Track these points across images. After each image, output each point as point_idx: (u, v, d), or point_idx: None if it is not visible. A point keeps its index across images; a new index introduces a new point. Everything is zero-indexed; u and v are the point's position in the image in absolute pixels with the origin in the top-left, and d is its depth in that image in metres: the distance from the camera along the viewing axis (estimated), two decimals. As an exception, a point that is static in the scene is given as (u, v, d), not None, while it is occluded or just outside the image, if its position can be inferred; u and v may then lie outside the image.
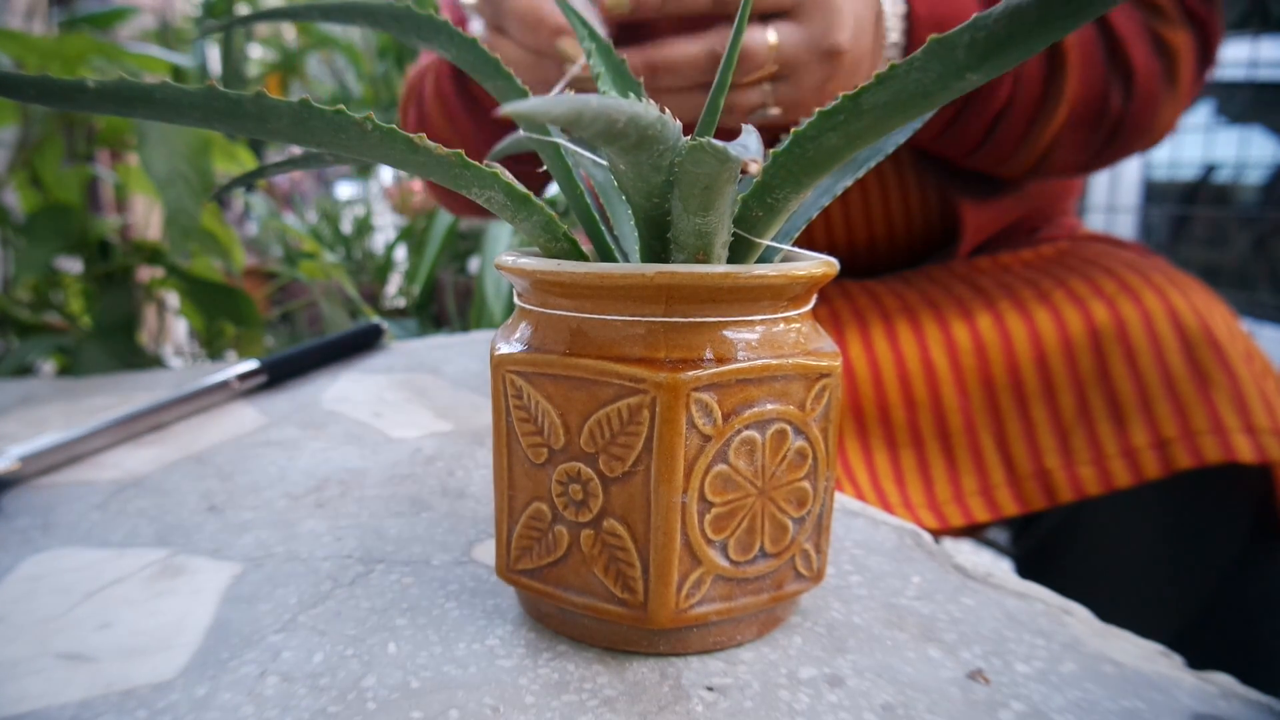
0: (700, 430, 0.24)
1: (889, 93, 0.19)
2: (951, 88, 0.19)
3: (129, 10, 1.03)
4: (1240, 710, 0.25)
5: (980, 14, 0.18)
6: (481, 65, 0.28)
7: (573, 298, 0.25)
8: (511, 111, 0.15)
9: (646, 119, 0.19)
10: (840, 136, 0.21)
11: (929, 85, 0.19)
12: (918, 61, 0.19)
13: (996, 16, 0.17)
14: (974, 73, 0.18)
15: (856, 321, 0.58)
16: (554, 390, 0.25)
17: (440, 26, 0.27)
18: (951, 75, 0.18)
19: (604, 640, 0.27)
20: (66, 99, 0.18)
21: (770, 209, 0.24)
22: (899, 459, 0.54)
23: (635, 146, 0.20)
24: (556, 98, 0.16)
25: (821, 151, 0.22)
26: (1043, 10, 0.17)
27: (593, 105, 0.17)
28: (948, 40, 0.18)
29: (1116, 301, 0.52)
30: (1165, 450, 0.48)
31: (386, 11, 0.27)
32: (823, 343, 0.27)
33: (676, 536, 0.24)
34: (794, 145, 0.22)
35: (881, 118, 0.20)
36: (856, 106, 0.20)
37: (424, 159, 0.21)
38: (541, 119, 0.17)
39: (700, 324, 0.24)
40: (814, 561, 0.28)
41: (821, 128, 0.21)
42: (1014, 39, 0.17)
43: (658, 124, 0.19)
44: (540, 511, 0.27)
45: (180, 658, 0.27)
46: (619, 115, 0.18)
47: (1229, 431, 0.47)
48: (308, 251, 1.34)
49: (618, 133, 0.19)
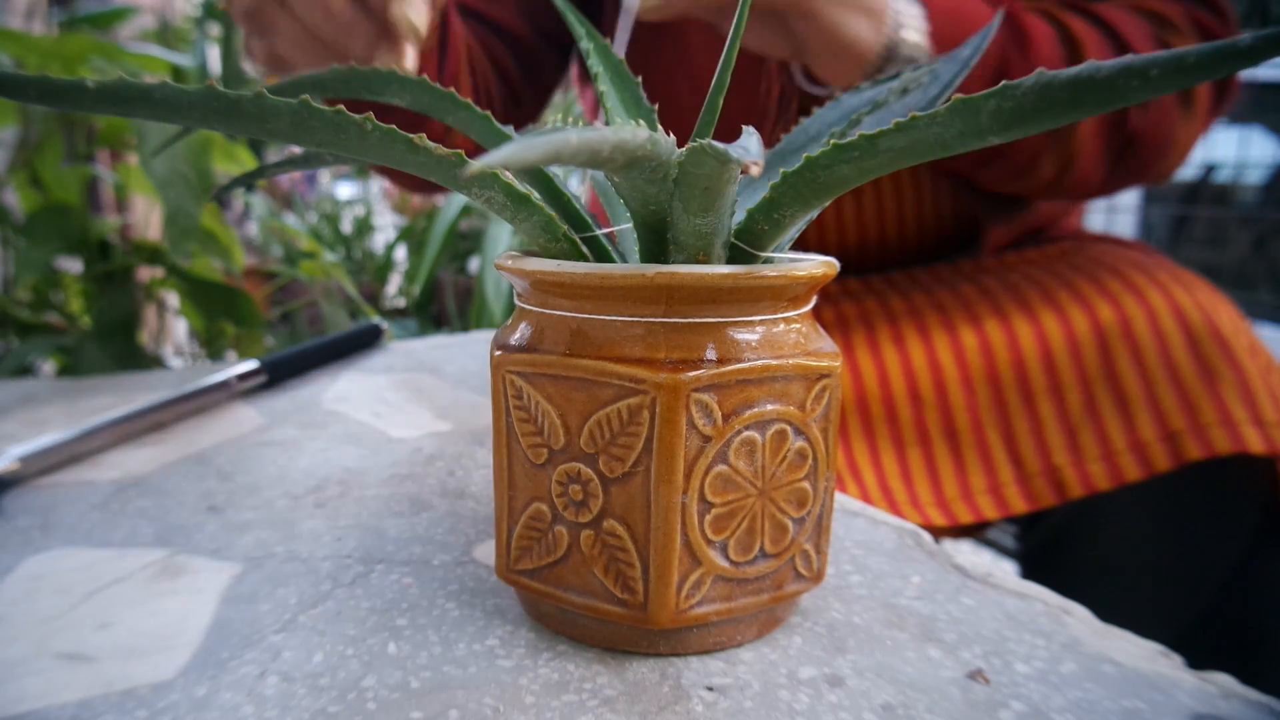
0: (700, 431, 0.24)
1: (907, 140, 0.19)
2: (970, 145, 0.19)
3: (129, 10, 1.03)
4: (1240, 710, 0.25)
5: (1010, 83, 0.17)
6: (438, 102, 0.28)
7: (573, 298, 0.25)
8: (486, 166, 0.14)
9: (633, 143, 0.19)
10: (853, 169, 0.21)
11: (948, 140, 0.19)
12: (940, 117, 0.19)
13: (1027, 89, 0.17)
14: (995, 136, 0.18)
15: (863, 322, 0.59)
16: (554, 390, 0.25)
17: (388, 77, 0.27)
18: (972, 135, 0.19)
19: (604, 641, 0.27)
20: (66, 99, 0.18)
21: (776, 224, 0.24)
22: (906, 458, 0.54)
23: (625, 167, 0.20)
24: (532, 142, 0.16)
25: (833, 178, 0.22)
26: (1074, 91, 0.17)
27: (572, 142, 0.16)
28: (973, 103, 0.18)
29: (1121, 300, 0.52)
30: (1174, 443, 0.48)
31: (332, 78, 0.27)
32: (823, 343, 0.27)
33: (677, 537, 0.24)
34: (805, 169, 0.22)
35: (896, 159, 0.20)
36: (873, 147, 0.20)
37: (424, 159, 0.21)
38: (520, 165, 0.16)
39: (700, 324, 0.24)
40: (814, 562, 0.28)
41: (835, 158, 0.21)
42: (1040, 113, 0.17)
43: (648, 145, 0.19)
44: (540, 512, 0.27)
45: (180, 658, 0.27)
46: (602, 145, 0.18)
47: (1238, 424, 0.47)
48: (308, 251, 1.34)
49: (603, 160, 0.18)
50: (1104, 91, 0.16)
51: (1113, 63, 0.16)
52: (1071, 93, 0.17)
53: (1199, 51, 0.15)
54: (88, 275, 0.88)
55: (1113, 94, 0.16)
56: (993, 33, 0.32)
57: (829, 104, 0.33)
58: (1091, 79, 0.16)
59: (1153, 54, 0.16)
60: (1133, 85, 0.16)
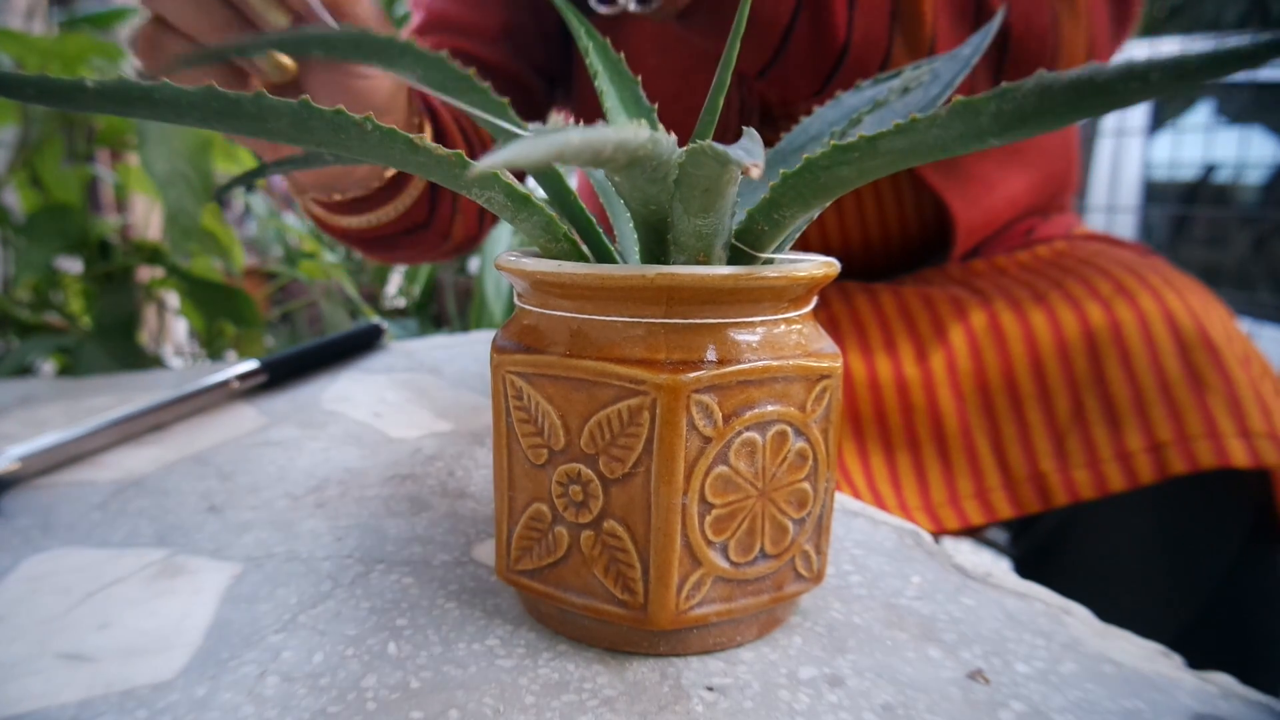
0: (701, 432, 0.24)
1: (907, 141, 0.19)
2: (970, 146, 0.19)
3: (129, 10, 1.03)
4: (1240, 710, 0.25)
5: (1010, 85, 0.18)
6: (453, 82, 0.28)
7: (573, 298, 0.25)
8: (490, 166, 0.14)
9: (634, 142, 0.19)
10: (853, 170, 0.21)
11: (948, 141, 0.19)
12: (940, 119, 0.19)
13: (1027, 92, 0.17)
14: (995, 138, 0.18)
15: (854, 325, 0.58)
16: (554, 391, 0.25)
17: (404, 48, 0.27)
18: (972, 137, 0.19)
19: (604, 641, 0.27)
20: (67, 99, 0.18)
21: (776, 224, 0.24)
22: (895, 462, 0.54)
23: (626, 166, 0.20)
24: (534, 142, 0.15)
25: (833, 179, 0.22)
26: (1072, 94, 0.17)
27: (574, 142, 0.16)
28: (974, 105, 0.18)
29: (1112, 304, 0.52)
30: (1159, 454, 0.48)
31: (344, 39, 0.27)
32: (823, 344, 0.27)
33: (677, 538, 0.24)
34: (805, 170, 0.22)
35: (896, 160, 0.20)
36: (873, 148, 0.20)
37: (424, 159, 0.21)
38: (523, 166, 0.16)
39: (701, 325, 0.24)
40: (814, 562, 0.28)
41: (835, 159, 0.21)
42: (1039, 115, 0.17)
43: (649, 144, 0.19)
44: (540, 512, 0.27)
45: (180, 658, 0.27)
46: (604, 145, 0.18)
47: (1223, 436, 0.47)
48: (308, 251, 1.34)
49: (605, 160, 0.18)
50: (1104, 95, 0.17)
51: (1114, 66, 0.16)
52: (1071, 95, 0.17)
53: (1199, 56, 0.15)
54: (88, 275, 0.88)
55: (1112, 97, 0.17)
56: (993, 32, 0.32)
57: (829, 102, 0.33)
58: (1091, 81, 0.17)
59: (1156, 60, 0.16)
60: (1133, 88, 0.16)
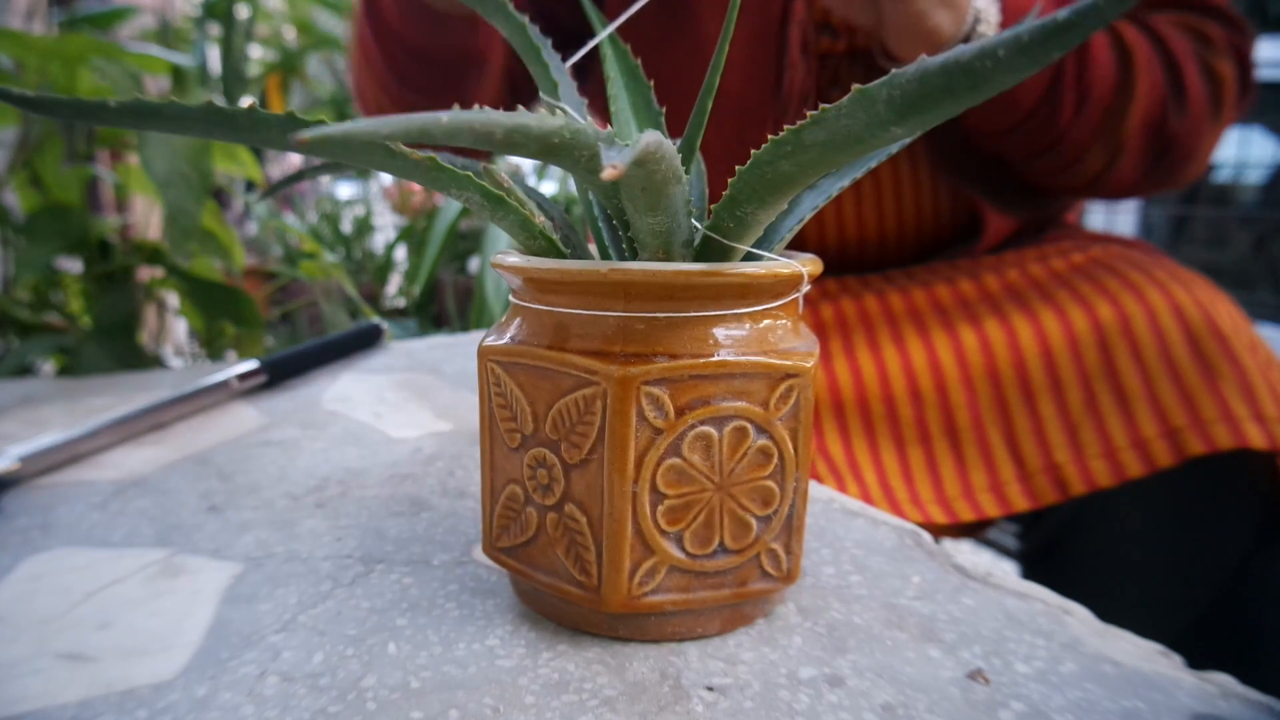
0: (651, 423, 0.25)
1: (825, 133, 0.20)
2: (879, 136, 0.20)
3: (129, 10, 1.03)
4: (1240, 710, 0.25)
5: (897, 71, 0.19)
6: (527, 49, 0.30)
7: (548, 293, 0.26)
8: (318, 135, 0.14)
9: (539, 130, 0.18)
10: (792, 165, 0.22)
11: (858, 131, 0.20)
12: (845, 109, 0.20)
13: (909, 77, 0.18)
14: (897, 126, 0.19)
15: (862, 320, 0.59)
16: (525, 379, 0.27)
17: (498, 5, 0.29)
18: (876, 125, 0.19)
19: (568, 620, 0.28)
20: (95, 116, 0.21)
21: (740, 221, 0.25)
22: (907, 457, 0.54)
23: (547, 154, 0.20)
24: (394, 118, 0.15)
25: (778, 175, 0.22)
26: (946, 78, 0.18)
27: (443, 121, 0.16)
28: (868, 93, 0.19)
29: (1120, 298, 0.53)
30: (1176, 439, 0.48)
31: None
32: (797, 342, 0.27)
33: (628, 524, 0.25)
34: (753, 167, 0.23)
35: (824, 154, 0.21)
36: (799, 140, 0.21)
37: (400, 163, 0.22)
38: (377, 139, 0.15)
39: (657, 319, 0.25)
40: (783, 562, 0.28)
41: (774, 155, 0.22)
42: (925, 100, 0.18)
43: (564, 133, 0.19)
44: (515, 493, 0.28)
45: (180, 658, 0.27)
46: (492, 128, 0.17)
47: (1239, 420, 0.47)
48: (308, 251, 1.34)
49: (498, 143, 0.18)
50: (966, 74, 0.17)
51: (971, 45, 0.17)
52: (943, 77, 0.18)
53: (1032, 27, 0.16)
54: (88, 275, 0.88)
55: (971, 75, 0.17)
56: None
57: None
58: (956, 61, 0.17)
59: (1000, 35, 0.17)
60: (986, 66, 0.17)
